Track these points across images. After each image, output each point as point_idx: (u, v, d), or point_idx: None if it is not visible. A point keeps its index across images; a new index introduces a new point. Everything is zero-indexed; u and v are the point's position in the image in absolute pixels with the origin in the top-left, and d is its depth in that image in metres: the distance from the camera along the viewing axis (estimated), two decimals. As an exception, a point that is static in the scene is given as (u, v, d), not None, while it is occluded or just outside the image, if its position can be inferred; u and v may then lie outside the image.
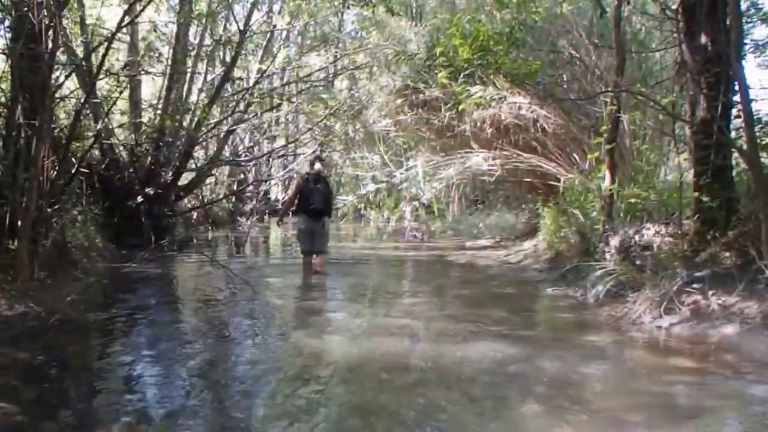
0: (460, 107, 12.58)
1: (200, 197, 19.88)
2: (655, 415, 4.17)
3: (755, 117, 6.70)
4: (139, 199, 13.41)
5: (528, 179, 13.19)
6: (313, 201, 10.08)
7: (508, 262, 12.00)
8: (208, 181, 20.73)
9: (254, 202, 24.90)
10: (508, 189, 15.83)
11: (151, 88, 18.99)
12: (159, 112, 14.97)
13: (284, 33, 23.40)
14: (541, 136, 12.26)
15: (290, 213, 10.81)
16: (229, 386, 4.68)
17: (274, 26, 20.13)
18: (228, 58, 16.62)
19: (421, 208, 16.42)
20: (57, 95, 8.83)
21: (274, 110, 21.27)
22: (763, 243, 5.68)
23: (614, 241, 8.25)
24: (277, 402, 4.39)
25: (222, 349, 5.86)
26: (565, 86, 13.51)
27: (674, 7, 8.12)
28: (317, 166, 10.50)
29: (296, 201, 10.34)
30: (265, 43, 20.48)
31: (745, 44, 11.21)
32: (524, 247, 12.81)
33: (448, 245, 15.79)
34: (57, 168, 8.60)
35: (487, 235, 15.99)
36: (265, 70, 18.28)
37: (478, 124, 12.60)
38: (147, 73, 14.66)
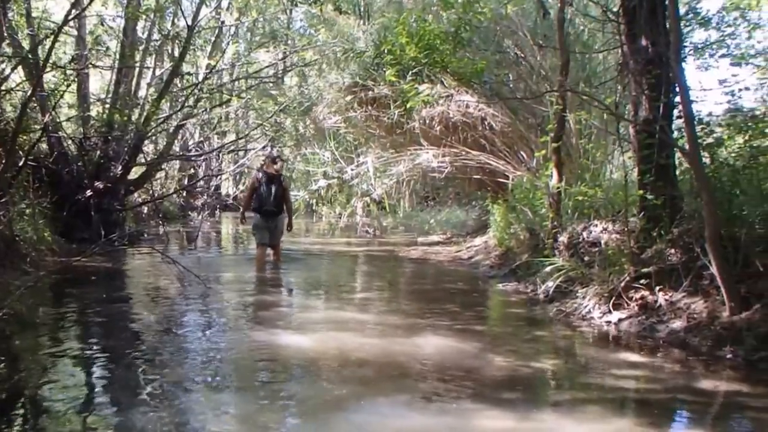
0: (408, 105, 12.68)
1: (150, 192, 19.66)
2: (606, 409, 4.33)
3: (696, 117, 6.91)
4: (89, 193, 13.21)
5: (477, 176, 13.35)
6: (266, 203, 10.30)
7: (459, 258, 12.16)
8: (158, 175, 20.51)
9: (205, 196, 24.67)
10: (458, 186, 16.02)
11: (99, 81, 18.75)
12: (107, 106, 14.77)
13: (233, 29, 23.24)
14: (489, 134, 12.43)
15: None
16: (179, 381, 4.66)
17: (223, 22, 19.98)
18: (177, 53, 16.46)
19: (373, 203, 16.47)
20: (3, 88, 8.68)
21: (224, 106, 21.11)
22: (707, 240, 5.88)
23: (563, 238, 8.43)
24: (228, 396, 4.41)
25: (173, 345, 5.83)
26: (511, 85, 13.70)
27: (616, 9, 8.34)
28: (277, 166, 10.65)
29: (252, 199, 10.54)
30: (213, 38, 20.33)
31: (685, 47, 11.54)
32: (475, 243, 12.97)
33: (400, 241, 15.91)
34: (4, 161, 8.47)
35: (439, 231, 16.14)
36: (214, 66, 18.14)
37: (427, 121, 12.71)
38: (95, 66, 14.46)
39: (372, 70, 14.49)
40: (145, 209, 19.48)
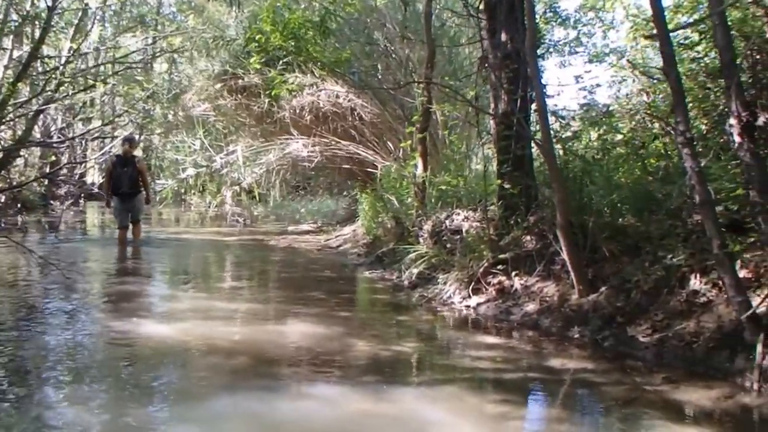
0: (273, 93, 12.65)
1: (8, 180, 18.70)
2: (462, 388, 4.51)
3: (554, 111, 7.28)
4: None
5: (347, 166, 13.48)
6: (122, 185, 10.76)
7: (328, 247, 12.24)
8: (16, 162, 19.53)
9: (69, 185, 23.65)
10: (329, 175, 16.11)
11: (-49, 64, 17.63)
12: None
13: (98, 11, 22.37)
14: (358, 124, 12.57)
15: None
16: (36, 374, 4.51)
17: (86, 4, 19.19)
18: (36, 35, 15.71)
19: (243, 193, 16.33)
20: None
21: (88, 91, 20.31)
22: (558, 227, 6.21)
23: (427, 226, 8.66)
24: (88, 389, 4.26)
25: (29, 337, 5.54)
26: (380, 77, 13.87)
27: (477, 5, 8.65)
28: (125, 147, 11.09)
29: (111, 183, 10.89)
30: (77, 21, 19.51)
31: (543, 43, 12.03)
32: (344, 232, 13.09)
33: (271, 230, 15.83)
34: None
35: (309, 220, 16.19)
36: (77, 49, 17.42)
37: (297, 111, 12.71)
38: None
39: (242, 59, 14.33)
40: (2, 198, 18.53)
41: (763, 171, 4.27)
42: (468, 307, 6.83)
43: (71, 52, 16.98)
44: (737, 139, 4.26)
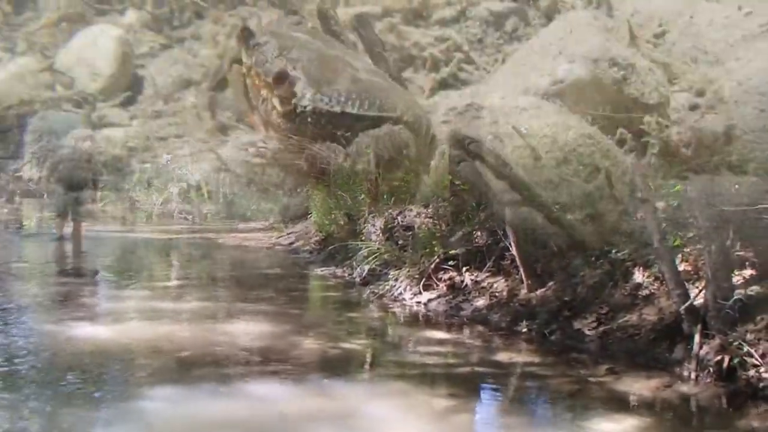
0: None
1: None
2: (410, 384, 4.58)
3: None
4: None
5: (300, 162, 13.41)
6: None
7: (279, 244, 12.16)
8: None
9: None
10: (282, 171, 16.00)
11: None
12: None
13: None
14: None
15: None
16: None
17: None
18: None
19: (192, 189, 16.13)
20: None
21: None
22: (506, 224, 6.29)
23: (379, 222, 8.67)
24: (26, 392, 4.18)
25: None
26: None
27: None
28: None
29: None
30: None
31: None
32: (296, 229, 12.99)
33: (220, 227, 15.63)
34: None
35: (260, 218, 16.08)
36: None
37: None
38: None
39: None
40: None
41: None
42: (419, 303, 6.86)
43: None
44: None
